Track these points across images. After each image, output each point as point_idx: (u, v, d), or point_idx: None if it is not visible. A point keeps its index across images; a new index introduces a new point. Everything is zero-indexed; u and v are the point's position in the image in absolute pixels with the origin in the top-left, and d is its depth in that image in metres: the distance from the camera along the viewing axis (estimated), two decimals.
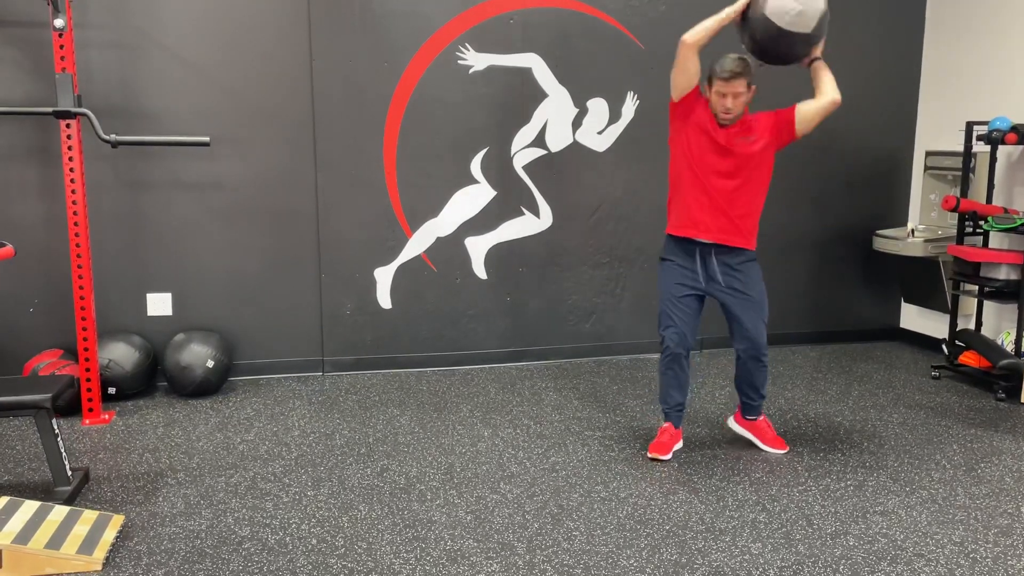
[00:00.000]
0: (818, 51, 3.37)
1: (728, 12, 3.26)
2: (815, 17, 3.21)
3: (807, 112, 3.41)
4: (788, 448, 3.71)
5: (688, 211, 3.45)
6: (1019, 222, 4.40)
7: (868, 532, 2.96)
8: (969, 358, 4.72)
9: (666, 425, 3.65)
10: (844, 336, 5.64)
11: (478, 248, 4.93)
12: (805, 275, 5.51)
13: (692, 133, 3.41)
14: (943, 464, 3.57)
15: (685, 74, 3.34)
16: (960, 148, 4.81)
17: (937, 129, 5.33)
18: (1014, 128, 4.40)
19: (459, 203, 4.86)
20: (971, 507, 3.16)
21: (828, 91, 3.37)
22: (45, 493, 3.15)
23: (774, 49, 3.30)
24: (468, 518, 3.04)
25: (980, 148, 4.75)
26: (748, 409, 3.73)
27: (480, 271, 4.96)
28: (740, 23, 3.31)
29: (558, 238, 5.03)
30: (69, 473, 3.15)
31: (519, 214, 4.96)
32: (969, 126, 4.71)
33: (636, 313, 5.23)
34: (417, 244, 4.84)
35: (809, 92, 3.47)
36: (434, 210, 4.83)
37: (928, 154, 5.31)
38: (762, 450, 3.69)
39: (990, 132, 4.51)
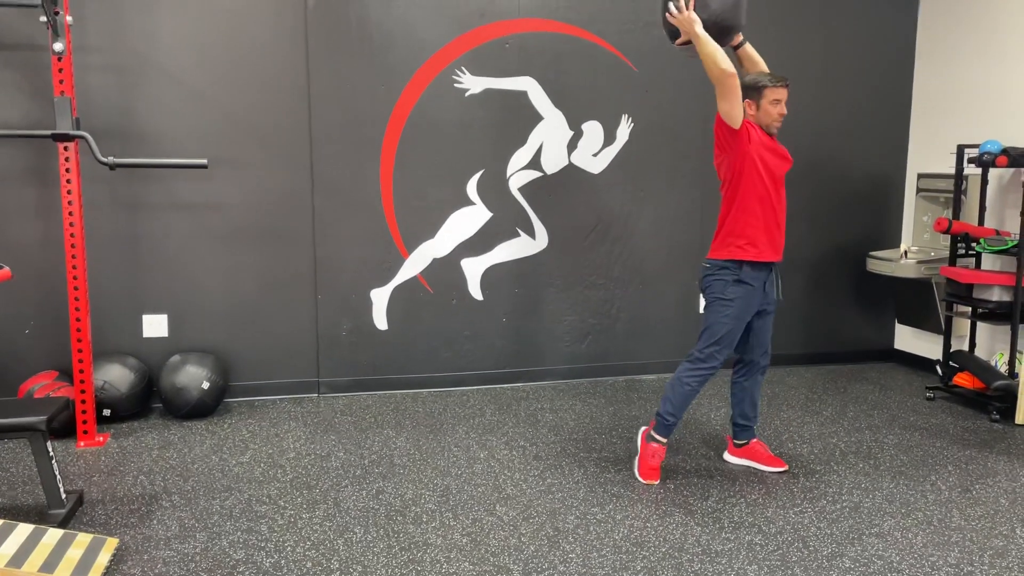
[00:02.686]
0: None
1: (699, 28, 3.25)
2: None
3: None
4: (787, 466, 3.72)
5: (770, 234, 3.47)
6: (1011, 244, 4.43)
7: (864, 554, 2.96)
8: (963, 379, 4.73)
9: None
10: (839, 357, 5.66)
11: (474, 269, 4.95)
12: (800, 296, 5.53)
13: (762, 153, 3.40)
14: (938, 485, 3.57)
15: (740, 101, 3.32)
16: (952, 170, 4.85)
17: (929, 152, 5.38)
18: (1005, 151, 4.44)
19: (455, 224, 4.88)
20: (967, 529, 3.16)
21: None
22: (39, 516, 3.14)
23: (734, 21, 3.33)
24: (464, 540, 3.04)
25: (971, 171, 4.80)
26: (742, 432, 3.75)
27: (476, 292, 4.97)
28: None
29: (554, 259, 5.05)
30: (63, 496, 3.14)
31: (515, 235, 4.98)
32: (960, 149, 4.76)
33: (632, 334, 5.25)
34: (413, 265, 4.86)
35: None
36: (430, 231, 4.86)
37: (920, 176, 5.35)
38: (762, 471, 3.70)
39: (981, 155, 4.54)
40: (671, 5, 3.29)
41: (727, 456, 3.84)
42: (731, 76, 3.23)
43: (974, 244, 4.67)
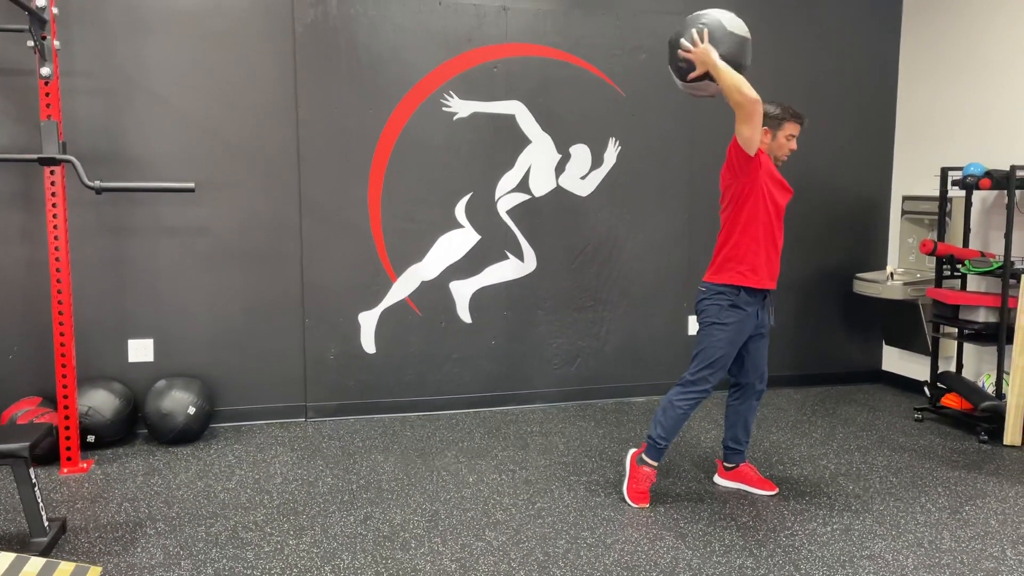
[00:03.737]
0: None
1: (717, 58, 3.22)
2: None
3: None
4: (777, 488, 3.71)
5: (770, 262, 3.47)
6: (996, 265, 4.47)
7: None
8: (951, 400, 4.75)
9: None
10: (827, 379, 5.67)
11: (463, 292, 4.94)
12: (788, 318, 5.55)
13: (768, 182, 3.41)
14: (928, 507, 3.57)
15: (760, 128, 3.31)
16: (936, 193, 4.90)
17: (913, 174, 5.44)
18: (988, 173, 4.49)
19: (444, 247, 4.88)
20: (957, 550, 3.16)
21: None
22: (21, 544, 3.09)
23: (742, 60, 3.32)
24: (453, 566, 3.00)
25: (955, 193, 4.85)
26: (733, 455, 3.75)
27: (465, 315, 4.96)
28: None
29: (542, 282, 5.05)
30: (46, 524, 3.09)
31: (503, 258, 4.99)
32: (944, 172, 4.81)
33: (620, 356, 5.24)
34: (401, 288, 4.85)
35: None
36: (419, 254, 4.85)
37: (905, 199, 5.40)
38: (753, 494, 3.69)
39: (965, 177, 4.59)
40: (683, 41, 3.26)
41: (717, 479, 3.83)
42: (758, 103, 3.21)
43: (959, 266, 4.70)
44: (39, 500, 3.06)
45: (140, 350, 4.52)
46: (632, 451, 3.68)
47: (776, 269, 3.52)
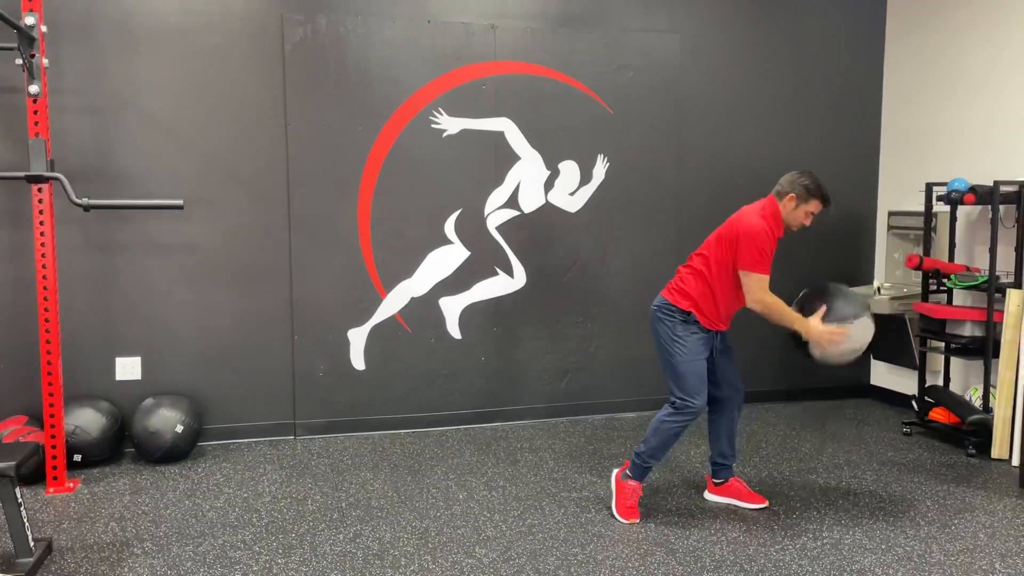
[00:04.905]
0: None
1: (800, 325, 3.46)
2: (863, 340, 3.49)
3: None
4: (767, 502, 3.72)
5: (721, 317, 3.55)
6: (981, 280, 4.50)
7: None
8: (939, 414, 4.77)
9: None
10: (816, 393, 5.68)
11: (452, 308, 4.94)
12: (776, 333, 5.53)
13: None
14: (917, 521, 3.58)
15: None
16: (921, 208, 4.94)
17: (898, 190, 5.49)
18: (972, 189, 4.53)
19: (433, 264, 4.88)
20: (946, 564, 3.16)
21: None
22: (6, 565, 3.05)
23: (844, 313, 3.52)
24: None
25: (940, 208, 4.89)
26: (721, 470, 3.75)
27: (454, 331, 4.96)
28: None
29: (532, 298, 5.06)
30: (31, 544, 3.05)
31: (493, 274, 4.99)
32: (929, 187, 4.85)
33: (611, 371, 5.25)
34: (391, 305, 4.84)
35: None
36: (408, 271, 4.86)
37: (891, 214, 5.44)
38: (743, 509, 3.69)
39: (949, 193, 4.63)
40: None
41: (707, 495, 3.83)
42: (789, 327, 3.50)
43: (945, 280, 4.74)
44: (25, 520, 3.03)
45: (127, 368, 4.49)
46: (616, 471, 3.69)
47: (732, 313, 3.61)
